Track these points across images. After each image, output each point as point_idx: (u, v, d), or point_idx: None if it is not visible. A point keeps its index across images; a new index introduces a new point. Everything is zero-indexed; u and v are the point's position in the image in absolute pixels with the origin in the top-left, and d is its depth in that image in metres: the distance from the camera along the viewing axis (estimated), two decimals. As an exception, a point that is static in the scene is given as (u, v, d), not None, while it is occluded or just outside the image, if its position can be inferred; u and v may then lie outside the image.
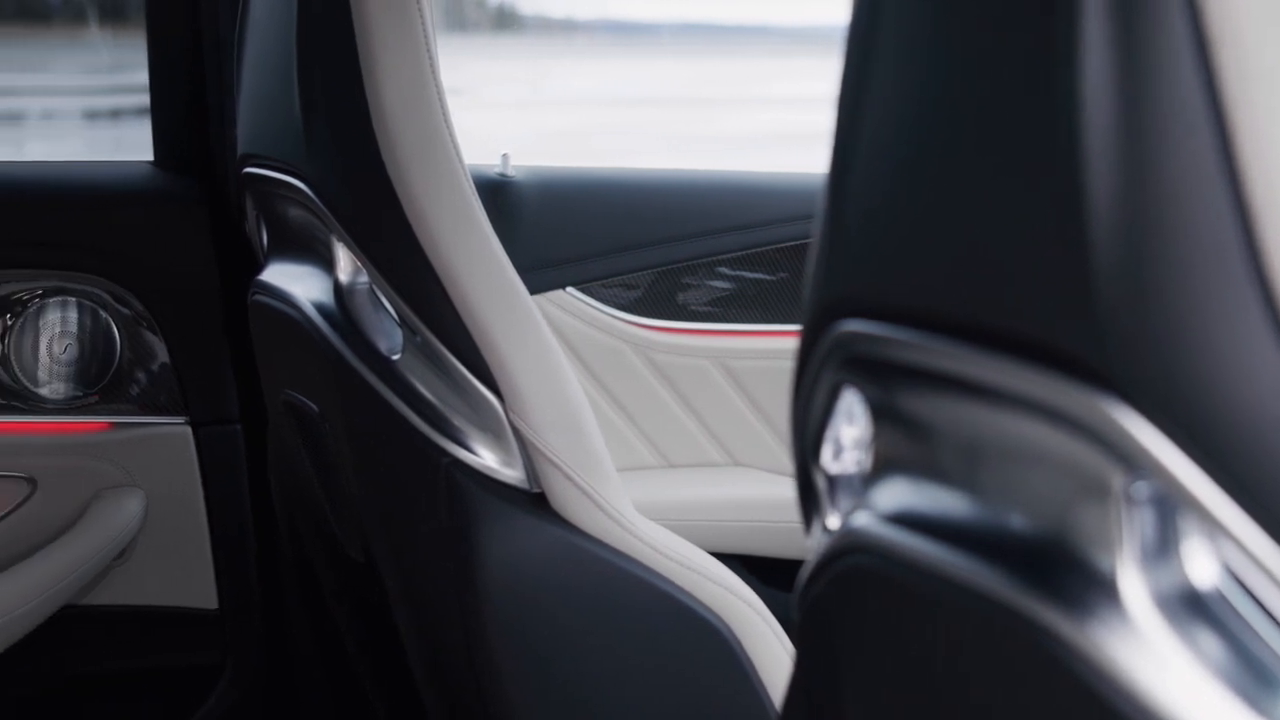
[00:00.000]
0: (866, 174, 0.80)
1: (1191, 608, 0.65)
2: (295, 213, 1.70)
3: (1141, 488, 0.66)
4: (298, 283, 1.70)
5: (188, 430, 2.21)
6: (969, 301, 0.73)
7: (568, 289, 2.30)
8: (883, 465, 0.82)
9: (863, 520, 0.82)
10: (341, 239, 1.58)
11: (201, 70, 2.23)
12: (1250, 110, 0.62)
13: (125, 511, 2.19)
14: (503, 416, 1.50)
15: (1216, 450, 0.63)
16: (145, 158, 2.31)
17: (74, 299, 2.20)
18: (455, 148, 1.50)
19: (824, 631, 0.87)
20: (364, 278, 1.59)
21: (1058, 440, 0.69)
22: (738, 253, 2.35)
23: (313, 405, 1.69)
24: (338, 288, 1.61)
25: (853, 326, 0.81)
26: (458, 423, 1.51)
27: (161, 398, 2.21)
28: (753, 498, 2.29)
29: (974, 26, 0.72)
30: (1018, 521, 0.72)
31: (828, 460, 0.86)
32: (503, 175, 2.29)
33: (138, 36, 2.31)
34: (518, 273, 1.53)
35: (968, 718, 0.75)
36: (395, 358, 1.55)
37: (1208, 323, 0.63)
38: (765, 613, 1.54)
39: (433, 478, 1.52)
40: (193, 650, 2.27)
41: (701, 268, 2.35)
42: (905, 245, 0.77)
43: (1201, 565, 0.65)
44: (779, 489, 2.30)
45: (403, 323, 1.56)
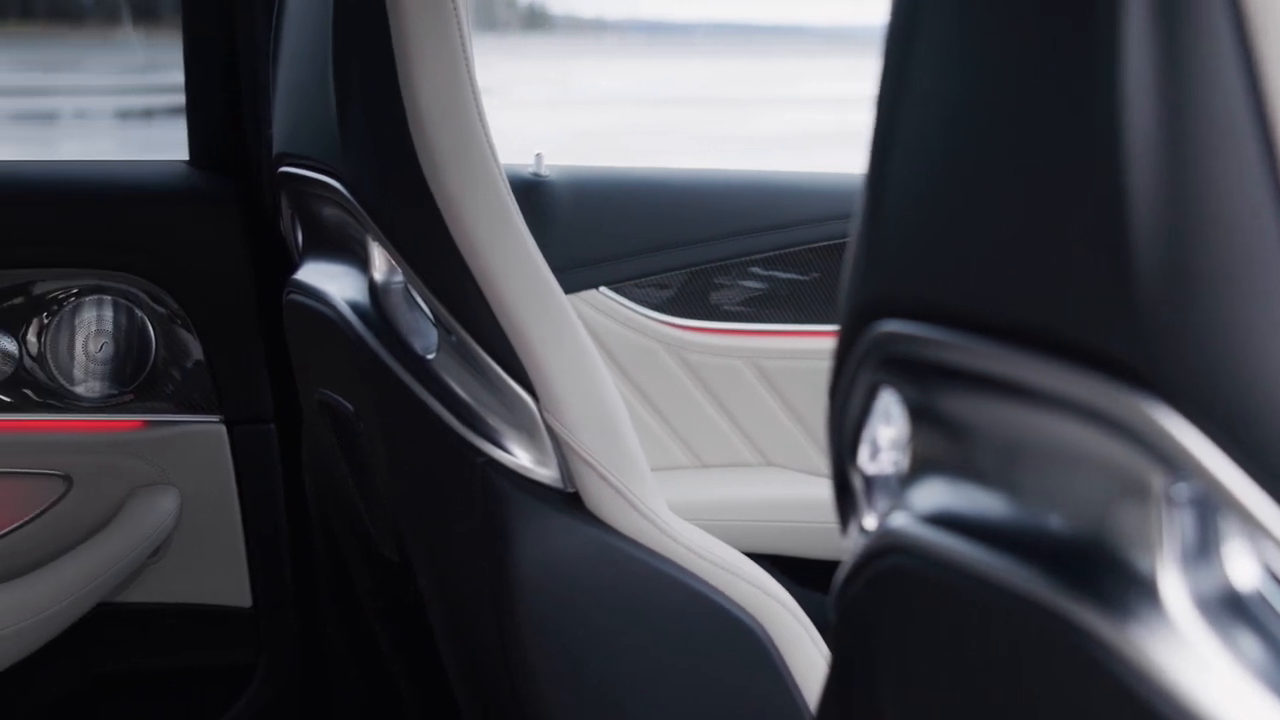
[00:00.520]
0: (905, 174, 0.80)
1: (1232, 609, 0.65)
2: (330, 212, 1.70)
3: (1182, 489, 0.66)
4: (332, 282, 1.70)
5: (222, 429, 2.22)
6: (1008, 302, 0.72)
7: (601, 289, 2.30)
8: (920, 466, 0.82)
9: (900, 521, 0.81)
10: (377, 238, 1.59)
11: (236, 70, 2.24)
12: None
13: (160, 509, 2.20)
14: (537, 416, 1.50)
15: (1258, 452, 0.63)
16: (177, 157, 2.32)
17: (110, 298, 2.21)
18: (491, 147, 1.50)
19: (860, 632, 0.87)
20: (399, 277, 1.59)
21: (1098, 441, 0.69)
22: (771, 253, 2.35)
23: (347, 404, 1.70)
24: (373, 287, 1.61)
25: (891, 327, 0.81)
26: (492, 422, 1.51)
27: (196, 396, 2.22)
28: (785, 498, 2.29)
29: (1015, 28, 0.72)
30: (1057, 522, 0.72)
31: (864, 461, 0.86)
32: (536, 175, 2.30)
33: (170, 36, 2.32)
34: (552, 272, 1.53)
35: (1005, 719, 0.75)
36: (430, 357, 1.55)
37: (1249, 323, 0.63)
38: (799, 613, 1.54)
39: (467, 477, 1.52)
40: (226, 648, 2.28)
41: (734, 268, 2.35)
42: (944, 245, 0.77)
43: (1242, 567, 0.65)
44: (812, 489, 2.29)
45: (438, 322, 1.56)
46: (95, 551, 2.19)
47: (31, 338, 2.20)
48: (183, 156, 2.31)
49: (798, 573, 2.18)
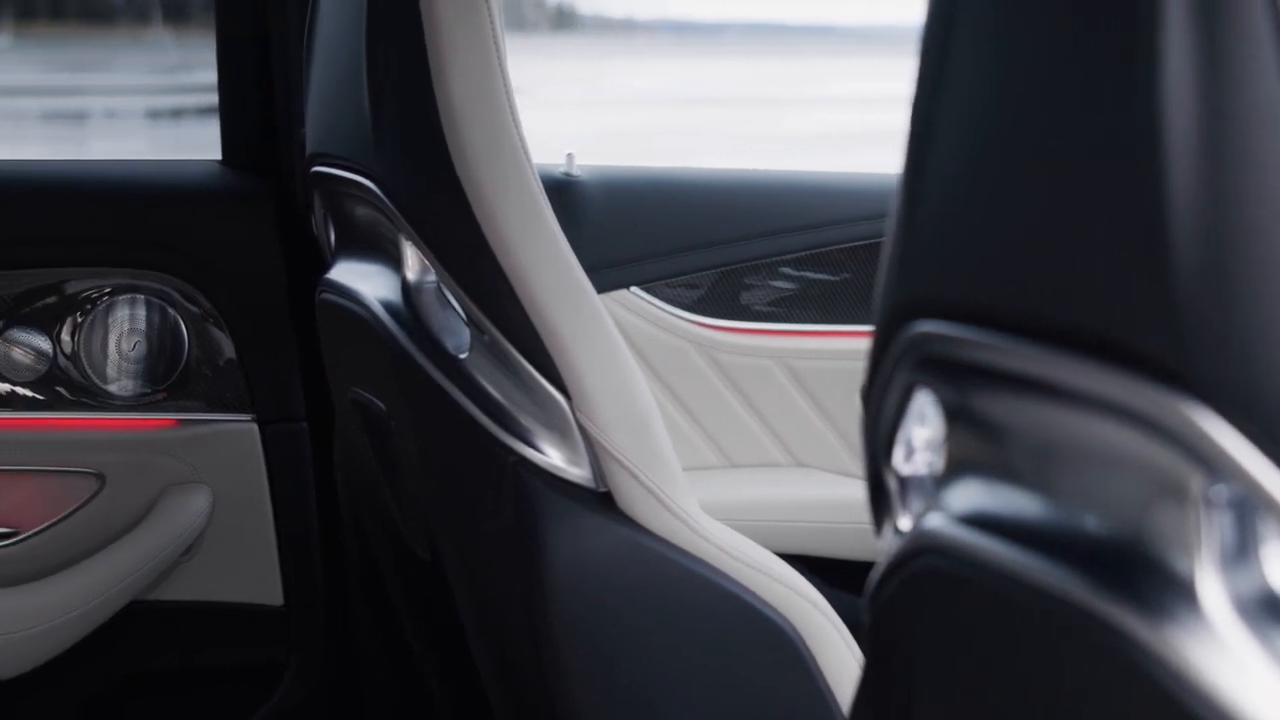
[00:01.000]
0: (941, 174, 0.80)
1: (1271, 612, 0.65)
2: (363, 211, 1.71)
3: (1221, 490, 0.65)
4: (365, 281, 1.70)
5: (254, 427, 2.22)
6: (1046, 302, 0.72)
7: (632, 288, 2.30)
8: (956, 467, 0.82)
9: (935, 522, 0.81)
10: (409, 238, 1.59)
11: (270, 69, 2.24)
12: None
13: (192, 508, 2.21)
14: (569, 415, 1.50)
15: (1298, 453, 0.62)
16: (206, 156, 2.33)
17: (143, 297, 2.22)
18: (523, 147, 1.50)
19: (895, 633, 0.87)
20: (431, 276, 1.59)
21: (1135, 442, 0.68)
22: (802, 253, 2.35)
23: (379, 403, 1.70)
24: (405, 286, 1.61)
25: (927, 327, 0.81)
26: (524, 421, 1.52)
27: (228, 395, 2.23)
28: (816, 498, 2.28)
29: (1053, 28, 0.72)
30: (1094, 523, 0.72)
31: (899, 461, 0.86)
32: (568, 175, 2.30)
33: (200, 36, 2.33)
34: None
35: (1041, 721, 0.75)
36: (462, 356, 1.55)
37: (1289, 324, 0.63)
38: (831, 613, 1.54)
39: (499, 476, 1.52)
40: (257, 646, 2.28)
41: (765, 267, 2.35)
42: (980, 245, 0.77)
43: (1282, 569, 0.65)
44: (842, 490, 2.29)
45: (470, 321, 1.56)
46: (128, 550, 2.19)
47: (65, 336, 2.21)
48: (212, 156, 2.31)
49: (828, 573, 2.17)
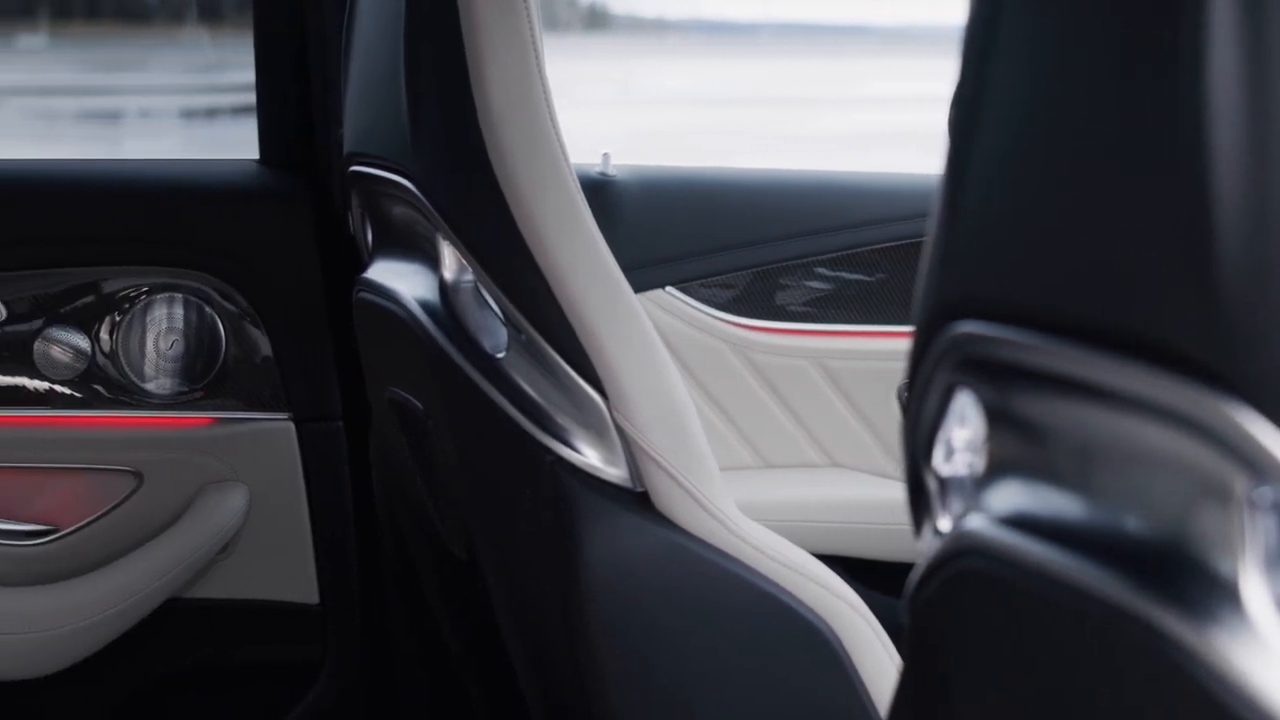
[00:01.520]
0: (983, 175, 0.80)
1: (1316, 614, 0.65)
2: (400, 211, 1.71)
3: (1265, 492, 0.65)
4: (402, 280, 1.71)
5: (291, 426, 2.23)
6: (1088, 303, 0.72)
7: (667, 288, 2.30)
8: (996, 467, 0.81)
9: (975, 523, 0.81)
10: (447, 237, 1.59)
11: (307, 69, 2.25)
12: None
13: (229, 506, 2.21)
14: (607, 415, 1.50)
15: (1343, 455, 0.62)
16: (239, 155, 2.33)
17: (181, 295, 2.22)
18: (561, 146, 1.50)
19: (934, 634, 0.86)
20: (469, 276, 1.60)
21: (1178, 443, 0.68)
22: (837, 253, 2.35)
23: (416, 402, 1.70)
24: (442, 285, 1.62)
25: (968, 328, 0.81)
26: (562, 421, 1.52)
27: (265, 394, 2.23)
28: (851, 499, 2.28)
29: (1096, 25, 0.72)
30: (1136, 525, 0.71)
31: (939, 462, 0.86)
32: (604, 174, 2.30)
33: (234, 36, 2.34)
34: None
35: (1082, 723, 0.75)
36: (499, 356, 1.56)
37: (1335, 326, 0.62)
38: (868, 614, 1.53)
39: (536, 476, 1.52)
40: (293, 645, 2.29)
41: (800, 268, 2.35)
42: (1022, 246, 0.77)
43: (1327, 571, 0.65)
44: (877, 490, 2.29)
45: (507, 321, 1.56)
46: (164, 548, 2.20)
47: (104, 335, 2.22)
48: (246, 155, 2.32)
49: (863, 574, 2.17)
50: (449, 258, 1.61)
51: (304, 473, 2.23)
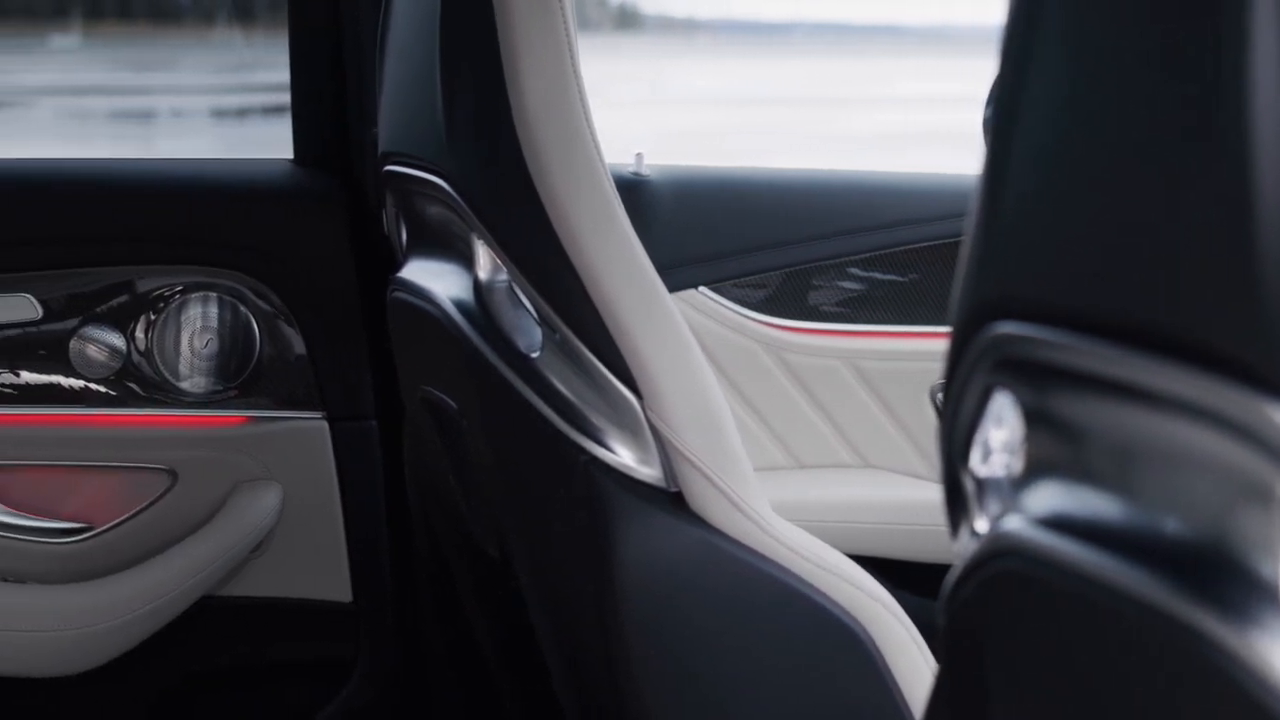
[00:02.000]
0: (1022, 174, 0.80)
1: (1358, 616, 0.64)
2: (435, 210, 1.71)
3: None
4: (437, 280, 1.71)
5: (324, 425, 2.24)
6: (1128, 303, 0.72)
7: (700, 288, 2.30)
8: (1034, 468, 0.81)
9: (1013, 524, 0.81)
10: (482, 237, 1.59)
11: (342, 69, 2.25)
12: None
13: (262, 504, 2.22)
14: (641, 415, 1.50)
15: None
16: (269, 154, 2.34)
17: (215, 294, 2.23)
18: (596, 146, 1.50)
19: (971, 636, 0.86)
20: (503, 275, 1.60)
21: (1218, 444, 0.68)
22: (870, 253, 2.34)
23: (450, 402, 1.71)
24: (477, 285, 1.62)
25: (1006, 329, 0.80)
26: (596, 421, 1.51)
27: (299, 393, 2.24)
28: (884, 499, 2.28)
29: (1137, 23, 0.72)
30: (1175, 526, 0.71)
31: (976, 463, 0.86)
32: (637, 174, 2.30)
33: (265, 37, 2.35)
34: None
35: (1121, 725, 0.75)
36: (534, 355, 1.56)
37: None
38: (902, 615, 1.53)
39: (570, 476, 1.52)
40: (326, 643, 2.29)
41: (833, 268, 2.35)
42: (1061, 246, 0.77)
43: (1369, 573, 0.65)
44: (910, 491, 2.28)
45: (542, 321, 1.56)
46: (199, 546, 2.21)
47: (139, 334, 2.23)
48: (276, 154, 2.33)
49: (895, 575, 2.17)
50: (484, 257, 1.61)
51: (337, 472, 2.24)
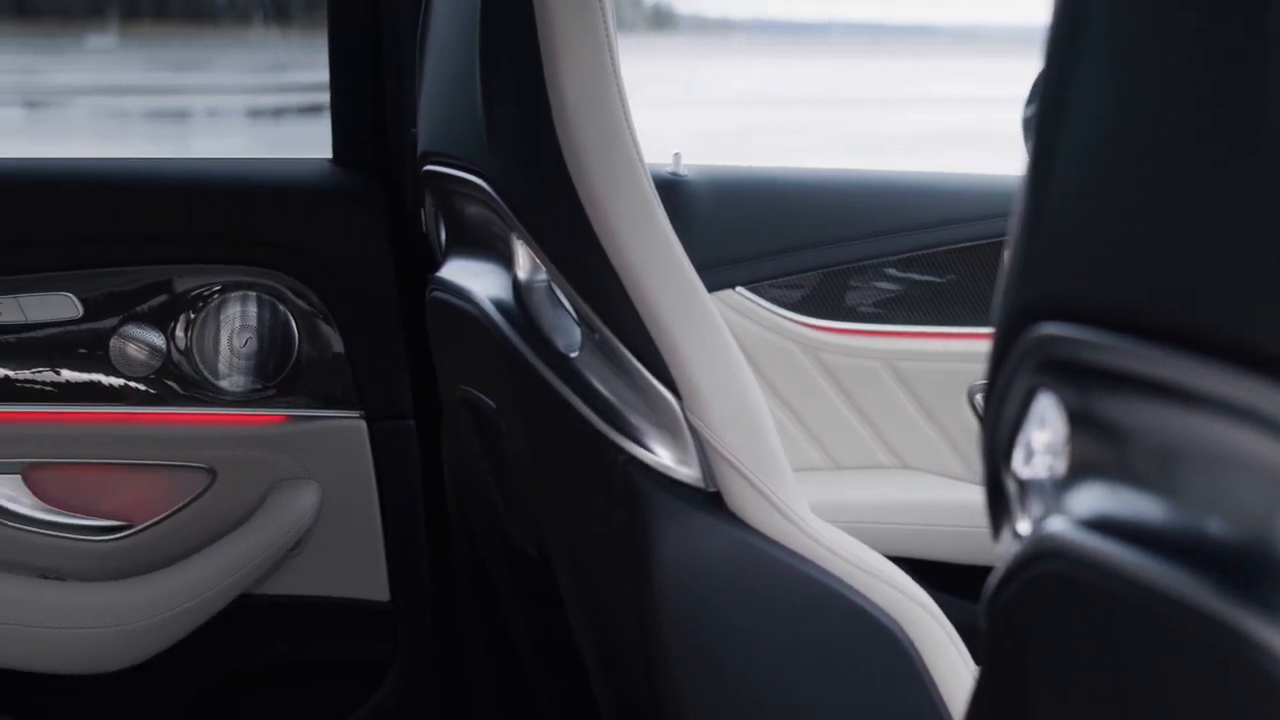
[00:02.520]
0: (1067, 174, 0.80)
1: (1406, 619, 0.64)
2: (474, 210, 1.72)
3: None
4: (476, 279, 1.71)
5: (362, 424, 2.24)
6: (1173, 304, 0.72)
7: (737, 288, 2.30)
8: (1078, 470, 0.81)
9: (1056, 525, 0.81)
10: (521, 236, 1.59)
11: (381, 68, 2.26)
12: None
13: (301, 503, 2.23)
14: (680, 415, 1.50)
15: None
16: (304, 153, 2.35)
17: (254, 294, 2.24)
18: (636, 146, 1.50)
19: (1014, 637, 0.86)
20: (543, 275, 1.60)
21: (1263, 444, 0.68)
22: (908, 254, 2.34)
23: (489, 401, 1.71)
24: (516, 285, 1.62)
25: (1051, 329, 0.80)
26: (635, 421, 1.51)
27: (337, 392, 2.24)
28: (921, 501, 2.27)
29: (1185, 23, 0.71)
30: (1220, 527, 0.71)
31: (1019, 465, 0.85)
32: (674, 174, 2.30)
33: (300, 37, 2.36)
34: None
35: (1165, 727, 0.74)
36: (573, 355, 1.56)
37: None
38: (940, 617, 1.53)
39: (609, 475, 1.52)
40: (363, 642, 2.30)
41: (870, 268, 2.34)
42: (1107, 247, 0.77)
43: None
44: (947, 492, 2.28)
45: (581, 320, 1.56)
46: (237, 544, 2.22)
47: (178, 333, 2.24)
48: (311, 154, 2.34)
49: (932, 576, 2.16)
50: (523, 257, 1.61)
51: (375, 471, 2.24)
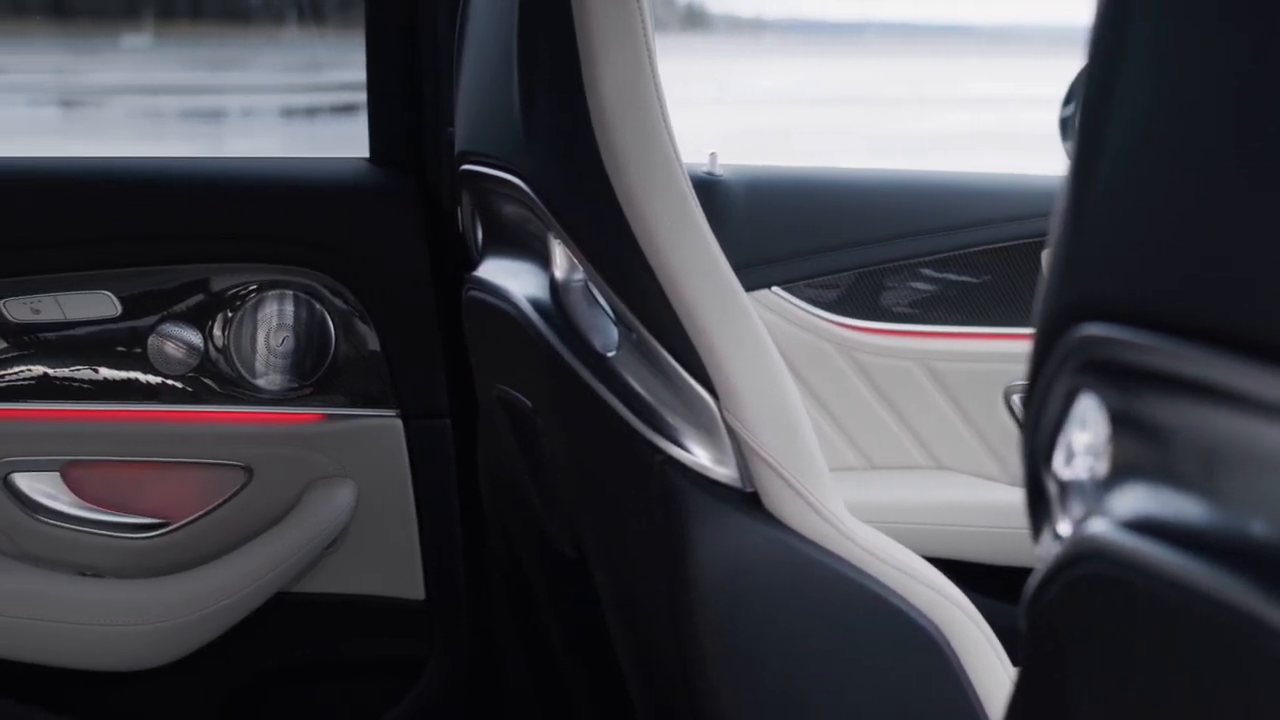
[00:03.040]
0: (1110, 175, 0.79)
1: None
2: (511, 209, 1.72)
3: None
4: (513, 279, 1.71)
5: (399, 423, 2.25)
6: (1217, 304, 0.71)
7: (773, 288, 2.30)
8: (1119, 471, 0.81)
9: (1098, 527, 0.80)
10: (558, 236, 1.59)
11: (419, 68, 2.26)
12: None
13: (336, 502, 2.23)
14: (717, 415, 1.50)
15: None
16: (339, 153, 2.35)
17: (291, 293, 2.24)
18: (673, 146, 1.50)
19: (1054, 639, 0.86)
20: (580, 275, 1.60)
21: (1309, 447, 0.67)
22: (944, 254, 2.34)
23: (526, 400, 1.71)
24: (553, 284, 1.62)
25: (1093, 330, 0.80)
26: (672, 420, 1.51)
27: (374, 391, 2.25)
28: (956, 501, 2.27)
29: (1229, 22, 0.71)
30: (1263, 529, 0.71)
31: (1060, 465, 0.85)
32: (710, 174, 2.30)
33: (335, 36, 2.36)
34: None
35: (1207, 731, 0.74)
36: (610, 354, 1.56)
37: None
38: (978, 618, 1.52)
39: (646, 475, 1.52)
40: (399, 640, 2.30)
41: (906, 268, 2.34)
42: (1149, 247, 0.76)
43: None
44: (983, 493, 2.28)
45: (618, 320, 1.56)
46: (274, 542, 2.22)
47: (216, 331, 2.24)
48: (345, 153, 2.34)
49: (968, 576, 2.16)
50: (560, 256, 1.61)
51: (411, 469, 2.25)
